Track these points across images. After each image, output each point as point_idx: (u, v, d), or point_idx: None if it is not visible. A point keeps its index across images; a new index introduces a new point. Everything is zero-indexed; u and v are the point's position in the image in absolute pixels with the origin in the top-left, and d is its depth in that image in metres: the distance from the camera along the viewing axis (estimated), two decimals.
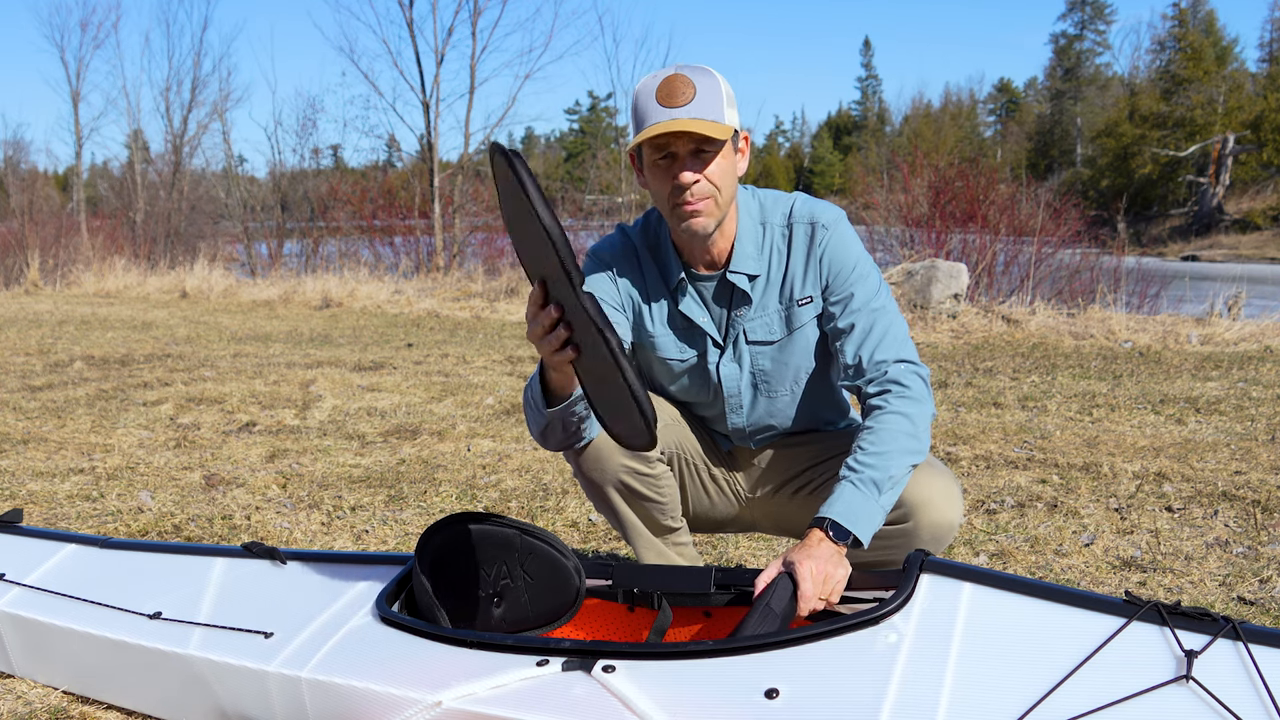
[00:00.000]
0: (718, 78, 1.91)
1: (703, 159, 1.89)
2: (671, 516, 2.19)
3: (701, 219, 1.93)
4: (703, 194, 1.91)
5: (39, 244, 17.25)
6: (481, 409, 5.49)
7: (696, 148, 1.88)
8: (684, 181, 1.89)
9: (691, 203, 1.91)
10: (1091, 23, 55.37)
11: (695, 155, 1.89)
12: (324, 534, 3.35)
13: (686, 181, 1.89)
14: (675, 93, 1.86)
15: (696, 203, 1.91)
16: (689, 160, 1.89)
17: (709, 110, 1.86)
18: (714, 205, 1.93)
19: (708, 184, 1.90)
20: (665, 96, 1.86)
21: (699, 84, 1.87)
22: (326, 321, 10.79)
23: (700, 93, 1.86)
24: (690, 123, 1.84)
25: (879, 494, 1.82)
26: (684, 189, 1.90)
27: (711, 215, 1.94)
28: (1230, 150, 37.27)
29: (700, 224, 1.94)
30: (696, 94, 1.86)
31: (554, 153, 59.26)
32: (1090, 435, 4.57)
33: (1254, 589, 2.70)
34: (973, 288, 9.82)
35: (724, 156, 1.91)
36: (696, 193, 1.90)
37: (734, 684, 1.48)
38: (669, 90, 1.86)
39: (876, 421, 1.89)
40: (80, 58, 27.74)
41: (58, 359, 7.62)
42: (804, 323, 2.05)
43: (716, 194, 1.92)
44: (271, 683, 1.78)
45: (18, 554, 2.30)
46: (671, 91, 1.86)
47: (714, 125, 1.85)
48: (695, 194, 1.90)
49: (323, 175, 23.71)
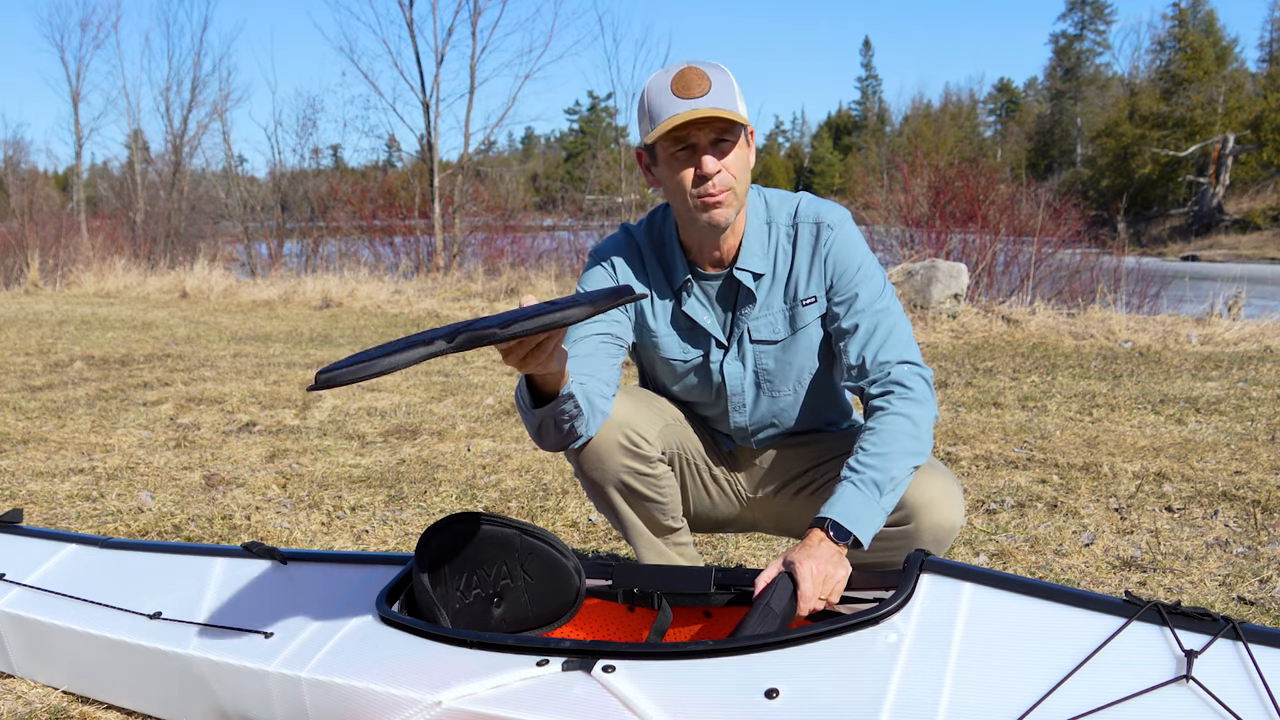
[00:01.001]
0: (727, 71, 1.92)
1: (722, 149, 1.90)
2: (672, 516, 2.19)
3: (723, 210, 1.94)
4: (724, 184, 1.92)
5: (39, 244, 17.25)
6: (481, 409, 5.49)
7: (717, 137, 1.89)
8: (708, 170, 1.89)
9: (714, 193, 1.91)
10: (1091, 23, 55.39)
11: (715, 145, 1.90)
12: (324, 534, 3.35)
13: (710, 170, 1.89)
14: (691, 84, 1.87)
15: (718, 194, 1.92)
16: (709, 150, 1.90)
17: (726, 101, 1.88)
18: (734, 196, 1.94)
19: (727, 175, 1.92)
20: (681, 89, 1.87)
21: (712, 76, 1.89)
22: (326, 321, 10.79)
23: (715, 84, 1.88)
24: (711, 110, 1.85)
25: (880, 495, 1.81)
26: (707, 179, 1.90)
27: (731, 206, 1.94)
28: (1230, 150, 37.28)
29: (721, 215, 1.94)
30: (712, 85, 1.88)
31: (554, 153, 59.29)
32: (1090, 435, 4.57)
33: (1254, 589, 2.70)
34: (973, 288, 9.82)
35: (741, 148, 1.93)
36: (718, 183, 1.91)
37: (734, 684, 1.48)
38: (684, 83, 1.87)
39: (878, 422, 1.89)
40: (80, 58, 27.82)
41: (58, 359, 7.62)
42: (808, 322, 2.05)
43: (735, 185, 1.93)
44: (271, 683, 1.78)
45: (18, 554, 2.30)
46: (687, 84, 1.87)
47: (734, 113, 1.87)
48: (717, 184, 1.91)
49: (323, 175, 23.69)
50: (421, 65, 18.66)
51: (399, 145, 25.99)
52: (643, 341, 2.14)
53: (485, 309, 11.48)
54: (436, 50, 18.44)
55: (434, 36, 21.41)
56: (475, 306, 11.66)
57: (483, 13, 18.72)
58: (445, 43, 18.43)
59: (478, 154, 20.25)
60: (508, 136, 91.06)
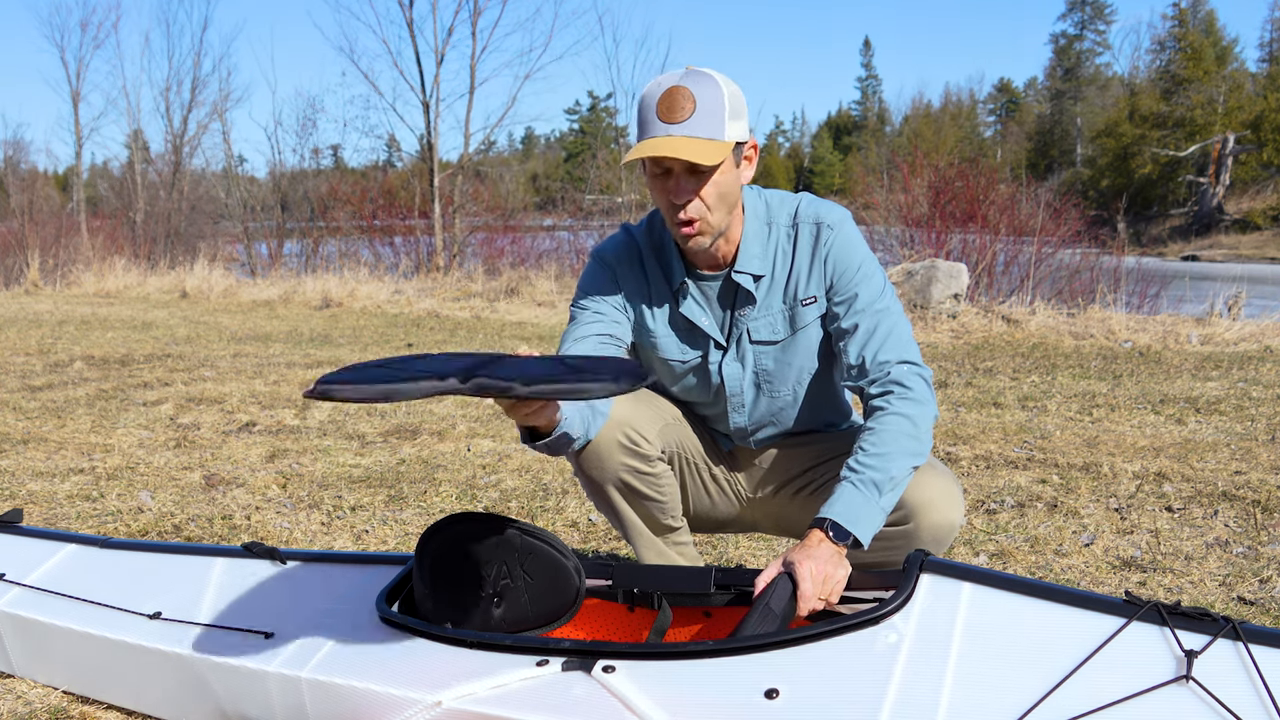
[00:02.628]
0: (723, 88, 1.86)
1: (698, 178, 1.87)
2: (672, 516, 2.19)
3: (696, 239, 1.93)
4: (695, 214, 1.89)
5: (39, 244, 17.25)
6: (481, 409, 5.49)
7: (692, 166, 1.86)
8: (676, 200, 1.88)
9: (684, 222, 1.90)
10: (1091, 23, 55.40)
11: (691, 173, 1.87)
12: (324, 534, 3.35)
13: (678, 202, 1.88)
14: (675, 107, 1.82)
15: (690, 222, 1.90)
16: (683, 178, 1.87)
17: (707, 127, 1.83)
18: (707, 224, 1.92)
19: (700, 204, 1.88)
20: (665, 110, 1.83)
21: (700, 97, 1.83)
22: (326, 321, 10.79)
23: (700, 108, 1.82)
24: (683, 144, 1.80)
25: (879, 495, 1.81)
26: (678, 208, 1.89)
27: (706, 234, 1.93)
28: (1230, 150, 37.26)
29: (695, 243, 1.94)
30: (696, 110, 1.82)
31: (554, 153, 59.29)
32: (1090, 435, 4.57)
33: (1254, 589, 2.70)
34: (973, 288, 9.82)
35: (722, 173, 1.88)
36: (689, 213, 1.89)
37: (734, 684, 1.48)
38: (669, 104, 1.83)
39: (878, 422, 1.89)
40: (80, 58, 27.84)
41: (58, 359, 7.62)
42: (808, 323, 2.05)
43: (708, 214, 1.90)
44: (271, 683, 1.78)
45: (18, 554, 2.30)
46: (671, 106, 1.83)
47: (707, 147, 1.82)
48: (687, 214, 1.89)
49: (323, 175, 23.71)
50: (421, 65, 18.68)
51: (399, 145, 26.04)
52: (641, 342, 2.14)
53: (485, 309, 11.48)
54: (436, 50, 18.46)
55: (434, 36, 21.40)
56: (475, 306, 11.66)
57: (483, 13, 18.75)
58: (445, 43, 18.45)
59: (478, 154, 20.25)
60: (508, 136, 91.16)
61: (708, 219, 1.91)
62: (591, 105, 55.47)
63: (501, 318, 10.90)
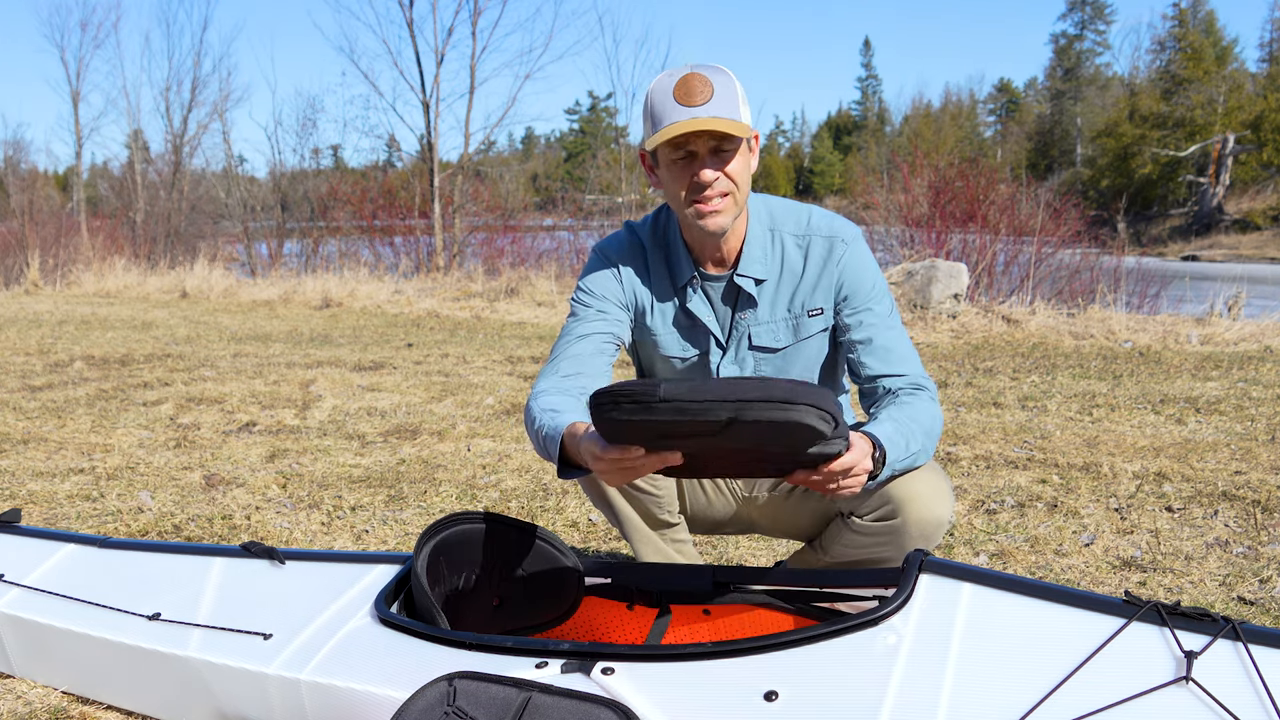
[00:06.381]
0: (731, 76, 1.93)
1: (722, 157, 1.92)
2: (668, 511, 2.19)
3: (719, 217, 1.96)
4: (722, 190, 1.93)
5: (39, 244, 17.25)
6: (481, 409, 5.49)
7: (716, 146, 1.90)
8: (704, 179, 1.91)
9: (710, 200, 1.93)
10: (1091, 23, 55.41)
11: (715, 154, 1.91)
12: (324, 534, 3.35)
13: (707, 179, 1.91)
14: (693, 91, 1.88)
15: (715, 200, 1.94)
16: (708, 159, 1.91)
17: (727, 109, 1.88)
18: (732, 203, 1.96)
19: (727, 180, 1.93)
20: (684, 95, 1.88)
21: (715, 83, 1.89)
22: (326, 321, 10.79)
23: (718, 91, 1.88)
24: (711, 121, 1.86)
25: (906, 441, 1.85)
26: (704, 186, 1.92)
27: (729, 212, 1.96)
28: (1230, 150, 37.25)
29: (717, 223, 1.96)
30: (715, 93, 1.88)
31: (554, 153, 59.25)
32: (1090, 435, 4.56)
33: (1254, 589, 2.70)
34: (973, 288, 9.82)
35: (742, 154, 1.94)
36: (717, 189, 1.93)
37: (733, 686, 1.48)
38: (687, 89, 1.88)
39: (902, 399, 1.95)
40: (80, 58, 27.84)
41: (58, 359, 7.62)
42: (812, 333, 2.08)
43: (735, 191, 1.95)
44: (271, 684, 1.78)
45: (17, 554, 2.30)
46: (689, 90, 1.88)
47: (734, 123, 1.87)
48: (715, 190, 1.93)
49: (323, 175, 23.72)
50: (421, 65, 18.69)
51: (399, 145, 25.99)
52: (642, 339, 2.15)
53: (485, 309, 11.48)
54: (436, 50, 18.46)
55: (434, 36, 21.46)
56: (475, 306, 11.66)
57: (483, 13, 18.80)
58: (445, 43, 18.45)
59: (478, 154, 20.26)
60: (508, 136, 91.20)
61: (734, 196, 1.95)
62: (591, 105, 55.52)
63: (501, 318, 10.90)
